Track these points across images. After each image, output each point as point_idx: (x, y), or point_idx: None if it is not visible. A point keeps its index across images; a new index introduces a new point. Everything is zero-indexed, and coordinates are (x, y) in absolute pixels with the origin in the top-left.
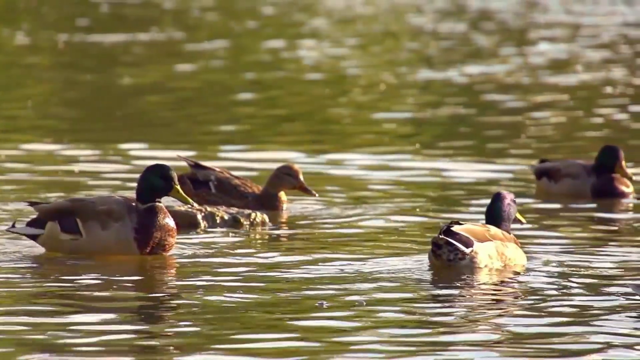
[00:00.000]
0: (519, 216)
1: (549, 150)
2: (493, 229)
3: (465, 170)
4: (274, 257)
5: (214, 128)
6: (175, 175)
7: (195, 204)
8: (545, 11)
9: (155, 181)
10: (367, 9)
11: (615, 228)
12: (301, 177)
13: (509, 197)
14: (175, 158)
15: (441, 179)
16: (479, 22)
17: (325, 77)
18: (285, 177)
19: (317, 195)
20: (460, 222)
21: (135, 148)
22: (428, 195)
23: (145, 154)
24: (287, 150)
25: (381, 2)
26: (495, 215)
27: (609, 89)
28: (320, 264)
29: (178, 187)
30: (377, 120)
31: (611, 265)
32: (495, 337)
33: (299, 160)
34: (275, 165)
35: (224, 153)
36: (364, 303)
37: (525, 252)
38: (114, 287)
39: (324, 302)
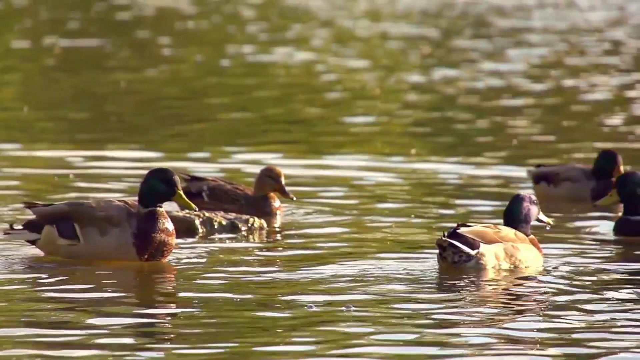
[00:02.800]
0: (543, 217)
1: (538, 154)
2: (505, 230)
3: (461, 174)
4: (271, 262)
5: (207, 130)
6: (178, 179)
7: (197, 209)
8: (529, 16)
9: (157, 186)
10: (350, 13)
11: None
12: (282, 179)
13: (528, 199)
14: (173, 159)
15: (436, 182)
16: (467, 26)
17: (315, 81)
18: (266, 179)
19: (295, 199)
20: (468, 224)
21: (126, 150)
22: (424, 197)
23: (133, 155)
24: (279, 152)
25: (364, 6)
26: (512, 217)
27: (595, 93)
28: (319, 267)
29: (181, 192)
30: (368, 123)
31: (613, 267)
32: (495, 338)
33: (293, 163)
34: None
35: (215, 155)
36: (352, 308)
37: None
38: (111, 293)
39: (312, 305)
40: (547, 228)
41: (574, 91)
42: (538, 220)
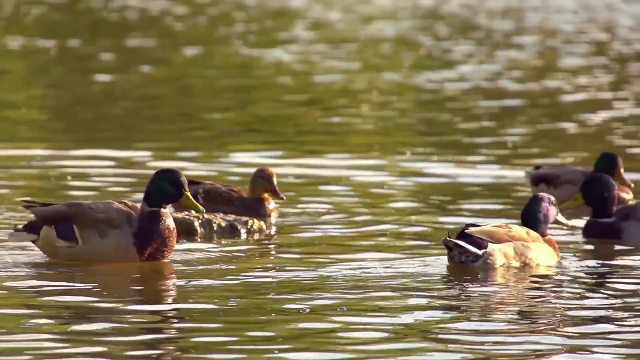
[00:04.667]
0: (561, 219)
1: (532, 155)
2: (516, 230)
3: (457, 174)
4: (268, 264)
5: (196, 130)
6: (185, 181)
7: (204, 211)
8: (520, 17)
9: (164, 187)
10: (339, 15)
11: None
12: (274, 180)
13: (547, 200)
14: (173, 159)
15: (432, 183)
16: (459, 27)
17: (305, 81)
18: (259, 179)
19: (284, 198)
20: (477, 224)
21: (117, 150)
22: (420, 198)
23: (124, 155)
24: (271, 152)
25: (354, 8)
26: (531, 217)
27: (584, 94)
28: (314, 269)
29: (188, 193)
30: (361, 123)
31: (615, 268)
32: (495, 339)
33: (288, 164)
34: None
35: (204, 155)
36: (345, 309)
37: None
38: (111, 294)
39: (307, 309)
40: (565, 229)
41: (563, 92)
42: (556, 221)
